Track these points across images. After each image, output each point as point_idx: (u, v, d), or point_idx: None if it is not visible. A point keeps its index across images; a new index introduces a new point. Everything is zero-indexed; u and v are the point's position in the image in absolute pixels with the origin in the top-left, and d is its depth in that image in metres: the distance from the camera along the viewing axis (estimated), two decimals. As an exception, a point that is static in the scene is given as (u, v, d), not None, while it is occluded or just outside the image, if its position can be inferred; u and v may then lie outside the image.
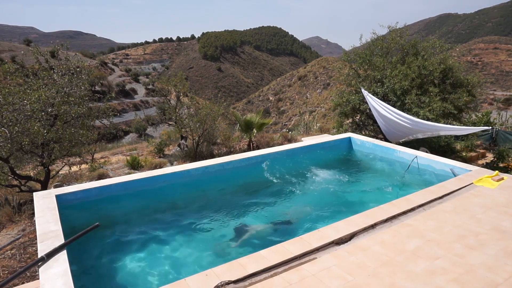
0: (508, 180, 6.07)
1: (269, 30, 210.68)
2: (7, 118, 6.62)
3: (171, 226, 5.66)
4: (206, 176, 7.18)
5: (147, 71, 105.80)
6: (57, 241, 4.11)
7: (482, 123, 12.46)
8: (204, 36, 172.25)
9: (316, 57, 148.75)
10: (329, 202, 6.72)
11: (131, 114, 49.74)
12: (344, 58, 12.75)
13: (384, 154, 8.59)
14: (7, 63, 27.47)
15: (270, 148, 8.58)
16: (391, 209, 5.01)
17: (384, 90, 10.93)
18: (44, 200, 5.30)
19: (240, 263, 3.79)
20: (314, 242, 4.18)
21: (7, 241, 5.82)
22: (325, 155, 9.10)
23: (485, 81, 13.01)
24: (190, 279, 3.53)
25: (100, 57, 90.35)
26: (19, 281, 4.76)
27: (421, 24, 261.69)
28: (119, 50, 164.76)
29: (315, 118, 25.63)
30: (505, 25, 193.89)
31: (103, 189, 6.06)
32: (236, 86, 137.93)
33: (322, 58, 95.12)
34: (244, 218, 6.01)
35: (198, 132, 11.05)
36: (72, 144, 7.66)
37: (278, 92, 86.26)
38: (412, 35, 12.60)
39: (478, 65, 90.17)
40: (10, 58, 48.12)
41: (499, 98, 54.56)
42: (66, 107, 7.41)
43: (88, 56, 71.85)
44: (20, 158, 7.32)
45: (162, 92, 12.97)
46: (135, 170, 10.06)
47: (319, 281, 3.53)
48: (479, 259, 3.89)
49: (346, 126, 12.71)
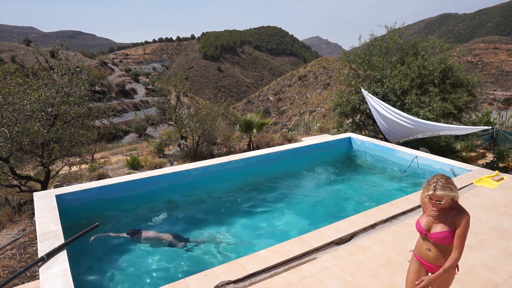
0: (508, 180, 6.07)
1: (269, 30, 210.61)
2: (7, 118, 6.62)
3: (170, 226, 5.65)
4: (206, 176, 7.18)
5: (147, 71, 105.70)
6: (57, 241, 4.11)
7: (482, 123, 12.44)
8: (204, 36, 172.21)
9: (316, 57, 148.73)
10: (329, 202, 6.72)
11: (131, 114, 49.72)
12: (344, 59, 12.75)
13: (384, 154, 8.59)
14: (7, 63, 27.48)
15: (270, 148, 8.57)
16: (391, 209, 5.01)
17: (384, 90, 10.93)
18: (44, 200, 5.30)
19: (240, 263, 3.79)
20: (314, 242, 4.18)
21: (7, 241, 5.81)
22: (325, 155, 9.10)
23: (485, 81, 13.00)
24: (190, 279, 3.53)
25: (100, 57, 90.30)
26: (19, 281, 4.76)
27: (421, 24, 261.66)
28: (119, 50, 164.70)
29: (315, 118, 25.62)
30: (505, 25, 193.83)
31: (103, 189, 6.06)
32: (236, 86, 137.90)
33: (322, 58, 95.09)
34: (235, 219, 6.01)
35: (198, 132, 11.05)
36: (72, 144, 7.65)
37: (278, 92, 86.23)
38: (412, 35, 12.58)
39: (478, 65, 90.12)
40: (10, 58, 48.10)
41: (499, 98, 54.53)
42: (66, 107, 7.40)
43: (88, 56, 71.80)
44: (20, 158, 7.31)
45: (162, 92, 12.95)
46: (135, 170, 10.06)
47: (319, 281, 3.53)
48: (479, 259, 3.89)
49: (346, 126, 12.70)
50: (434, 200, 2.55)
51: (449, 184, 2.54)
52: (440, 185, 2.52)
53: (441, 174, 2.63)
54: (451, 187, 2.55)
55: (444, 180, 2.55)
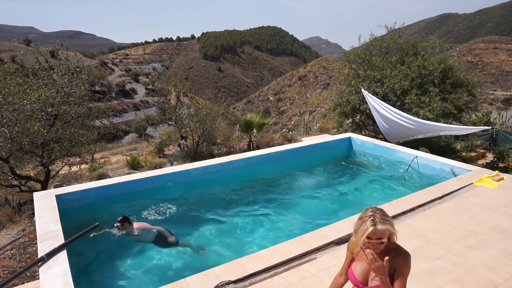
0: (508, 180, 6.07)
1: (269, 30, 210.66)
2: (7, 118, 6.62)
3: (170, 226, 5.65)
4: (206, 176, 7.18)
5: (147, 71, 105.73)
6: (57, 241, 4.11)
7: (482, 123, 12.44)
8: (204, 36, 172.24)
9: (316, 57, 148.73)
10: (329, 202, 6.72)
11: (131, 114, 49.74)
12: (344, 59, 12.75)
13: (384, 154, 8.59)
14: (7, 63, 27.45)
15: (270, 148, 8.57)
16: (391, 209, 5.00)
17: (384, 90, 10.93)
18: (44, 200, 5.30)
19: (240, 263, 3.79)
20: (314, 242, 4.18)
21: (7, 241, 5.81)
22: (325, 155, 9.10)
23: (485, 81, 12.99)
24: (190, 279, 3.53)
25: (100, 57, 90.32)
26: (19, 281, 4.76)
27: (421, 24, 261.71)
28: (119, 50, 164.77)
29: (315, 118, 25.61)
30: (506, 25, 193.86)
31: (103, 189, 6.06)
32: (236, 86, 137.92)
33: (322, 58, 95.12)
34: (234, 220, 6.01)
35: (198, 132, 11.05)
36: (72, 144, 7.65)
37: (278, 92, 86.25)
38: (412, 35, 12.58)
39: (478, 65, 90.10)
40: (10, 58, 48.11)
41: (499, 98, 54.56)
42: (66, 107, 7.40)
43: (88, 56, 71.81)
44: (20, 158, 7.31)
45: (162, 92, 12.95)
46: (135, 170, 10.05)
47: (319, 281, 3.53)
48: (479, 259, 3.88)
49: (346, 126, 12.70)
50: (375, 239, 2.03)
51: (387, 217, 2.10)
52: (379, 219, 2.05)
53: (374, 207, 2.19)
54: (390, 221, 2.09)
55: (381, 213, 2.11)
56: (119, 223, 4.95)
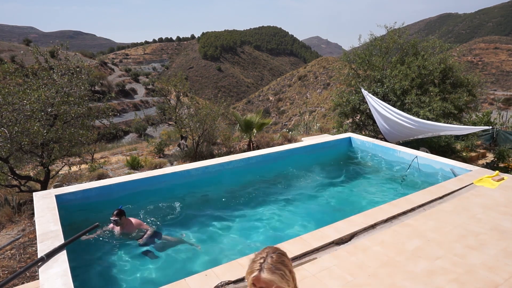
0: (508, 180, 6.07)
1: (269, 30, 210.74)
2: (7, 118, 6.61)
3: (170, 227, 5.65)
4: (206, 176, 7.17)
5: (147, 71, 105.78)
6: (57, 241, 4.10)
7: (482, 123, 12.44)
8: (204, 36, 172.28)
9: (316, 57, 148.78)
10: (329, 201, 6.72)
11: (131, 114, 49.78)
12: (344, 59, 12.75)
13: (384, 154, 8.59)
14: (6, 63, 27.46)
15: (270, 148, 8.57)
16: (391, 209, 5.00)
17: (384, 90, 10.93)
18: (44, 200, 5.30)
19: (240, 263, 3.78)
20: (314, 242, 4.17)
21: (7, 241, 5.81)
22: (325, 155, 9.09)
23: (485, 81, 13.00)
24: (190, 279, 3.52)
25: (100, 57, 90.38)
26: (19, 281, 4.76)
27: (421, 24, 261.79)
28: (119, 50, 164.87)
29: (315, 118, 25.62)
30: (506, 25, 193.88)
31: (103, 189, 6.06)
32: (236, 86, 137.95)
33: (322, 58, 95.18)
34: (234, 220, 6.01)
35: (198, 132, 11.05)
36: (72, 144, 7.65)
37: (278, 92, 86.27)
38: (412, 35, 12.58)
39: (478, 65, 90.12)
40: (9, 58, 48.14)
41: (500, 98, 54.59)
42: (66, 107, 7.40)
43: (88, 56, 71.86)
44: (20, 158, 7.30)
45: (162, 92, 12.96)
46: (135, 170, 10.06)
47: (319, 281, 3.53)
48: (479, 259, 3.88)
49: (346, 126, 12.70)
50: (258, 286, 1.71)
51: (280, 265, 1.73)
52: (268, 265, 1.71)
53: (273, 247, 1.84)
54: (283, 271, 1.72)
55: (276, 258, 1.75)
56: (116, 216, 4.95)
